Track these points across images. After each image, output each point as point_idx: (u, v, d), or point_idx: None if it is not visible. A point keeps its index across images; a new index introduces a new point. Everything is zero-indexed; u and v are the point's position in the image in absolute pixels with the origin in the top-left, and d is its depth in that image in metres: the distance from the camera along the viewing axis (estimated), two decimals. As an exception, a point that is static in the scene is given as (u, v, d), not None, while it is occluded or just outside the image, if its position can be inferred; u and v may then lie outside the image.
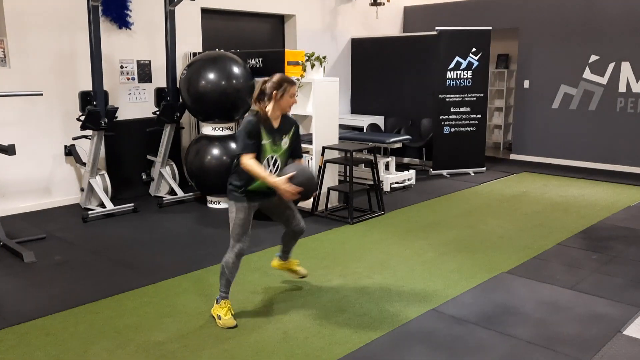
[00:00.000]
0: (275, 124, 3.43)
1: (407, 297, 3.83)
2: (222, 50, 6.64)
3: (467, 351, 3.10)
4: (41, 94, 5.21)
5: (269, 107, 3.39)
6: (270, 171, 3.44)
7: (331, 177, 6.06)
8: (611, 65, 8.15)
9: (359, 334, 3.31)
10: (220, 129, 6.06)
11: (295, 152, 3.60)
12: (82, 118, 5.68)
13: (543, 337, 3.25)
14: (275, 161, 3.47)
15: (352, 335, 3.31)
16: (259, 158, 3.37)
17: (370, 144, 6.51)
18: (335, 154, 5.99)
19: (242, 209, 3.40)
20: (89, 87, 5.85)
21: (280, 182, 3.26)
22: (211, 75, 5.77)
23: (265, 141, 3.37)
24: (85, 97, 5.69)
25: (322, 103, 5.84)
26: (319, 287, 4.02)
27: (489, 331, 3.33)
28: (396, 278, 4.18)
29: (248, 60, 6.32)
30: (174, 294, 3.92)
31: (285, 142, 3.49)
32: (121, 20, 6.48)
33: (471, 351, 3.10)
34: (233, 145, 6.04)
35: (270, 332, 3.34)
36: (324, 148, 5.83)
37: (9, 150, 4.59)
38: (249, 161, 3.30)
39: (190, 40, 7.21)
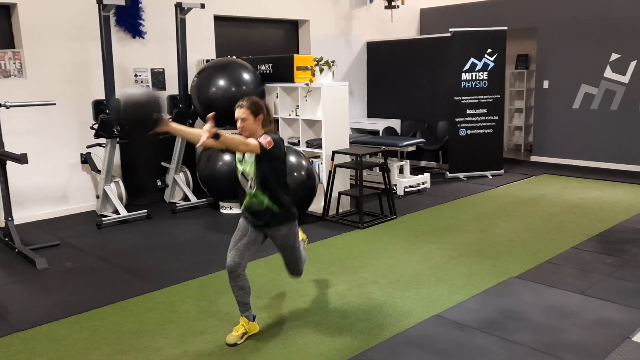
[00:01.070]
0: None
1: (411, 303, 3.78)
2: (234, 56, 6.69)
3: (466, 358, 3.04)
4: (54, 104, 5.33)
5: None
6: (251, 186, 3.31)
7: (342, 181, 6.04)
8: (633, 64, 7.94)
9: (358, 340, 3.28)
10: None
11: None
12: (96, 126, 5.78)
13: (546, 344, 3.17)
14: (247, 175, 3.32)
15: (351, 341, 3.28)
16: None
17: (383, 147, 6.46)
18: (346, 158, 5.97)
19: (240, 223, 3.39)
20: (102, 95, 5.95)
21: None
22: (221, 82, 5.81)
23: (237, 158, 3.38)
24: (98, 106, 5.79)
25: (332, 107, 5.82)
26: (323, 293, 4.00)
27: (490, 337, 3.26)
28: (402, 283, 4.13)
29: (258, 66, 6.35)
30: (179, 299, 3.94)
31: (250, 155, 3.30)
32: (134, 29, 6.58)
33: (470, 358, 3.04)
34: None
35: (269, 338, 3.33)
36: (333, 152, 5.81)
37: (22, 159, 4.69)
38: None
39: (204, 47, 7.27)
